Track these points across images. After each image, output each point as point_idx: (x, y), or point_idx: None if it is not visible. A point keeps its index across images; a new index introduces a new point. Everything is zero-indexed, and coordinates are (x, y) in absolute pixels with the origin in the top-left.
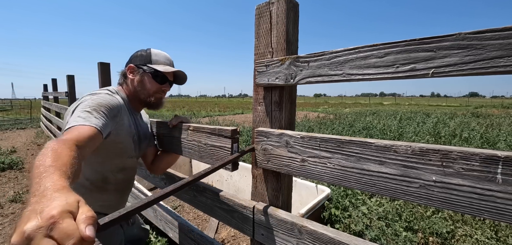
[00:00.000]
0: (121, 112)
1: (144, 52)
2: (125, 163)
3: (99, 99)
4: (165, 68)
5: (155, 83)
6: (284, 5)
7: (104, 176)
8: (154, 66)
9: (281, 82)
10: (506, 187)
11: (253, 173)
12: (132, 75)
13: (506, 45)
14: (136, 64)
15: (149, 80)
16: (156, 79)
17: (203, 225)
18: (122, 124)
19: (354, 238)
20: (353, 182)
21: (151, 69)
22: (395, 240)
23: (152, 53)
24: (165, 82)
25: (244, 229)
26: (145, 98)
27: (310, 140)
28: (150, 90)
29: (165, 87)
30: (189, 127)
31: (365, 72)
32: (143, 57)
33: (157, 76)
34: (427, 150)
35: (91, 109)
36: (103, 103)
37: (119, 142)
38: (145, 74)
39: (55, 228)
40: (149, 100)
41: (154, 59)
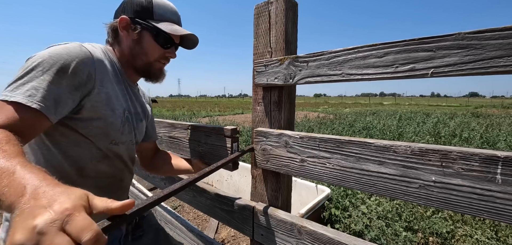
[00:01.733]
0: (98, 75)
1: (143, 0)
2: (109, 150)
3: (56, 54)
4: (171, 28)
5: (157, 46)
6: (283, 4)
7: (79, 166)
8: (157, 25)
9: (280, 82)
10: (506, 187)
11: (253, 173)
12: (125, 31)
13: (506, 45)
14: (132, 17)
15: (150, 42)
16: (159, 41)
17: (203, 225)
18: (100, 94)
19: (354, 239)
20: (352, 182)
21: (152, 27)
22: (395, 240)
23: (154, 3)
24: (171, 46)
25: (243, 229)
26: (142, 65)
27: (309, 140)
28: (151, 55)
29: (170, 52)
30: (189, 127)
31: (365, 72)
32: (142, 8)
33: (160, 36)
34: (427, 150)
35: (36, 72)
36: (61, 60)
37: (97, 118)
38: (145, 33)
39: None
40: (148, 69)
41: (157, 13)
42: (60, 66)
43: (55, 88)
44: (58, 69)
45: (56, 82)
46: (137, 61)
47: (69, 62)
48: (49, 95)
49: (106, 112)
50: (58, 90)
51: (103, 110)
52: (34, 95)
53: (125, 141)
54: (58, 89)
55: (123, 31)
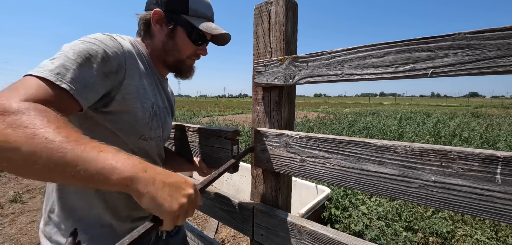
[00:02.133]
0: (128, 66)
1: None
2: (137, 147)
3: (87, 41)
4: (207, 26)
5: (190, 43)
6: (282, 4)
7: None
8: (192, 21)
9: (280, 82)
10: (506, 187)
11: (253, 173)
12: (158, 25)
13: (506, 45)
14: (166, 11)
15: (183, 38)
16: (192, 38)
17: (203, 225)
18: (130, 86)
19: (354, 239)
20: (352, 182)
21: (187, 23)
22: (395, 240)
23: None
24: (203, 43)
25: (243, 229)
26: (173, 61)
27: (309, 140)
28: (183, 52)
29: (202, 49)
30: (189, 128)
31: (364, 72)
32: (177, 1)
33: (193, 33)
34: (427, 150)
35: (65, 54)
36: (92, 47)
37: (126, 112)
38: (179, 28)
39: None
40: (179, 65)
41: (193, 8)
42: (91, 52)
43: (85, 71)
44: (89, 55)
45: (87, 65)
46: (169, 56)
47: (100, 49)
48: (78, 77)
49: (136, 105)
50: (88, 73)
51: (133, 103)
52: (63, 74)
53: (153, 137)
54: (88, 73)
55: (156, 25)
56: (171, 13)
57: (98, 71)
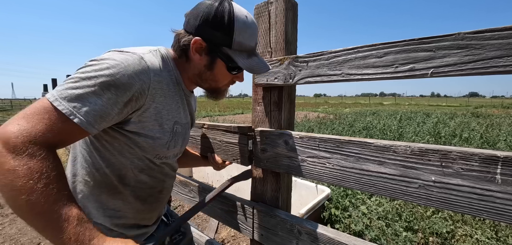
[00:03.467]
0: (151, 90)
1: (222, 21)
2: (152, 162)
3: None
4: (251, 66)
5: (229, 74)
6: (282, 4)
7: (121, 174)
8: (234, 56)
9: (280, 82)
10: (505, 187)
11: (253, 173)
12: (198, 55)
13: (506, 45)
14: (209, 40)
15: (222, 71)
16: (231, 71)
17: (203, 225)
18: (149, 110)
19: (354, 238)
20: (352, 182)
21: (229, 58)
22: (395, 240)
23: (235, 27)
24: (241, 72)
25: (244, 229)
26: (208, 88)
27: (309, 140)
28: (220, 82)
29: (239, 77)
30: (204, 125)
31: (364, 72)
32: (219, 31)
33: (235, 68)
34: (426, 150)
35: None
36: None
37: (143, 134)
38: (219, 62)
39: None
40: (214, 91)
41: (237, 41)
42: (115, 80)
43: (104, 103)
44: (112, 84)
45: (107, 96)
46: (204, 83)
47: (125, 77)
48: (95, 110)
49: (153, 127)
50: (107, 105)
51: (150, 125)
52: (79, 107)
53: (169, 155)
54: (107, 104)
55: (195, 54)
56: (213, 44)
57: (118, 102)
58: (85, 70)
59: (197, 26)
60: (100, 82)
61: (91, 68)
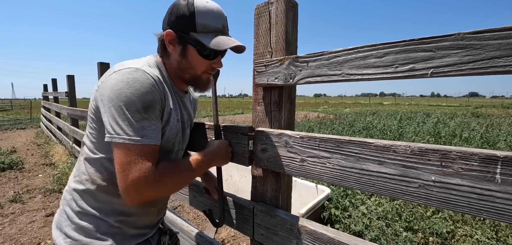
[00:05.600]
0: (166, 99)
1: (185, 9)
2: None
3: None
4: (216, 42)
5: (203, 59)
6: (283, 5)
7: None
8: (200, 38)
9: (280, 82)
10: (505, 187)
11: (253, 173)
12: (171, 46)
13: (505, 45)
14: (177, 30)
15: (195, 56)
16: (204, 54)
17: (203, 225)
18: (166, 119)
19: (354, 238)
20: (353, 182)
21: (196, 42)
22: (395, 240)
23: (196, 12)
24: (217, 56)
25: (244, 229)
26: (190, 78)
27: (309, 140)
28: (198, 68)
29: (216, 63)
30: (205, 125)
31: (364, 72)
32: (184, 20)
33: (204, 50)
34: (426, 150)
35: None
36: (143, 97)
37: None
38: (189, 47)
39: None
40: (196, 80)
41: (200, 23)
42: (144, 103)
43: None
44: (145, 106)
45: (149, 117)
46: (184, 74)
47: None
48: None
49: (165, 127)
50: (154, 122)
51: (167, 131)
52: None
53: (176, 150)
54: (153, 122)
55: (169, 46)
56: (181, 32)
57: (156, 116)
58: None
59: (167, 21)
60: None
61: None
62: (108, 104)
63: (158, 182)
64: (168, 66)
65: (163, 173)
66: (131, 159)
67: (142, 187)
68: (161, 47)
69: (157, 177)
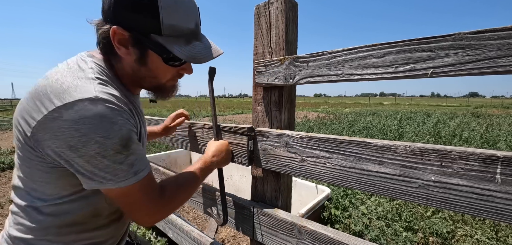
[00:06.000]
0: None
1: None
2: None
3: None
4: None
5: (168, 68)
6: (283, 5)
7: (96, 211)
8: (168, 46)
9: (280, 82)
10: (505, 187)
11: (253, 173)
12: (123, 48)
13: (505, 45)
14: (131, 27)
15: (159, 65)
16: (170, 63)
17: (203, 225)
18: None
19: (354, 238)
20: (353, 182)
21: (162, 49)
22: (395, 240)
23: (160, 6)
24: (185, 61)
25: (244, 229)
26: (151, 87)
27: (309, 140)
28: (162, 77)
29: (185, 69)
30: (204, 126)
31: (364, 72)
32: (141, 14)
33: (171, 58)
34: (426, 150)
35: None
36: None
37: None
38: (151, 53)
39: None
40: (159, 89)
41: (167, 24)
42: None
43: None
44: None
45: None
46: (143, 83)
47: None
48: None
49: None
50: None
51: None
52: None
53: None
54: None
55: (120, 48)
56: (137, 33)
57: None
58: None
59: (113, 11)
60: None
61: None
62: (72, 155)
63: (166, 206)
64: (119, 72)
65: (169, 195)
66: (133, 200)
67: (151, 215)
68: (106, 45)
69: (164, 202)
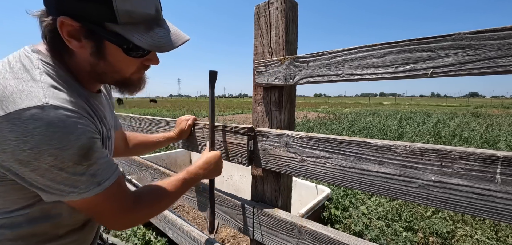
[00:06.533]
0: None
1: None
2: None
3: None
4: (156, 41)
5: (131, 60)
6: (283, 5)
7: (56, 221)
8: (126, 34)
9: (280, 82)
10: (505, 187)
11: (253, 173)
12: (75, 41)
13: (505, 45)
14: (81, 16)
15: (119, 56)
16: (132, 54)
17: (203, 225)
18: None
19: (354, 238)
20: (353, 182)
21: (120, 38)
22: (395, 240)
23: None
24: (150, 51)
25: (244, 229)
26: (113, 81)
27: (309, 140)
28: (125, 71)
29: (151, 59)
30: (204, 126)
31: (364, 72)
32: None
33: (131, 48)
34: (426, 150)
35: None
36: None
37: None
38: (109, 46)
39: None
40: (123, 83)
41: (124, 11)
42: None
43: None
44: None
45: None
46: (105, 78)
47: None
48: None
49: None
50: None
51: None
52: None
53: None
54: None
55: (71, 41)
56: (89, 23)
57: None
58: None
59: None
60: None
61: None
62: (23, 169)
63: (138, 214)
64: (73, 68)
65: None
66: (99, 209)
67: (122, 224)
68: (54, 39)
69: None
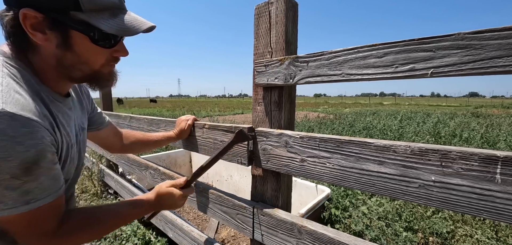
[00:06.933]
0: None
1: None
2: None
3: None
4: (123, 26)
5: (99, 50)
6: (283, 5)
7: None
8: (91, 21)
9: (280, 82)
10: (505, 187)
11: (253, 173)
12: (39, 34)
13: (505, 45)
14: (44, 7)
15: (86, 46)
16: (100, 42)
17: (203, 225)
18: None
19: (354, 238)
20: (353, 182)
21: (85, 25)
22: (395, 240)
23: None
24: (117, 42)
25: (244, 229)
26: (83, 76)
27: (309, 140)
28: (94, 62)
29: (119, 50)
30: (204, 126)
31: (364, 72)
32: None
33: (98, 36)
34: (427, 150)
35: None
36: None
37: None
38: (74, 35)
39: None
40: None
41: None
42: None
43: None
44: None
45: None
46: (73, 72)
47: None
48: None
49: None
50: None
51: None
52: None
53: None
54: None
55: (35, 34)
56: (53, 12)
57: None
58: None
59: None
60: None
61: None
62: None
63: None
64: (38, 68)
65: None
66: (18, 230)
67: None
68: (17, 36)
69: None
